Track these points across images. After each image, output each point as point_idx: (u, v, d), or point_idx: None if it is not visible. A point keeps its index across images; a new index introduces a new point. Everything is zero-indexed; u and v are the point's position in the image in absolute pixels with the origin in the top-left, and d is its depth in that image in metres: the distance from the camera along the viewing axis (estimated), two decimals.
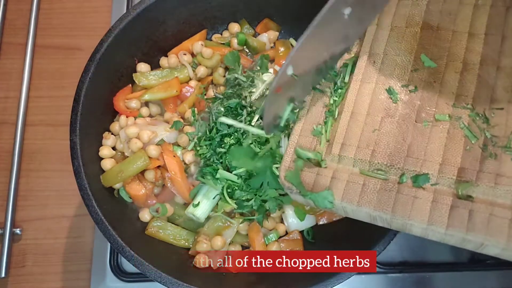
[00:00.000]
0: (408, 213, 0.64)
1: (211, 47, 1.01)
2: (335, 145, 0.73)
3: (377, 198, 0.67)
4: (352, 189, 0.68)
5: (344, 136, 0.74)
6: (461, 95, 0.71)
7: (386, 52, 0.79)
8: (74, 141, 0.83)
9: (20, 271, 1.07)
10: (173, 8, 0.97)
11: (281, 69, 0.70)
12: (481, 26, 0.74)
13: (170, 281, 0.78)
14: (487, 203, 0.62)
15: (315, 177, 0.72)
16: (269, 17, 1.07)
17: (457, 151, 0.67)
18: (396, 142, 0.71)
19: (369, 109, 0.75)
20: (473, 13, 0.76)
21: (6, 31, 1.25)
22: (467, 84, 0.72)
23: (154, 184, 0.92)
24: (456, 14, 0.77)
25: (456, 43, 0.75)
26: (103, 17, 1.26)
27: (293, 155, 0.75)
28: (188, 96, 0.97)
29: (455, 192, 0.65)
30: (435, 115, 0.71)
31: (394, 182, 0.68)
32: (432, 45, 0.76)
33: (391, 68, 0.77)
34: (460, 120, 0.69)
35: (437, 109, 0.71)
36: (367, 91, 0.76)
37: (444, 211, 0.63)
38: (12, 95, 1.19)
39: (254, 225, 0.90)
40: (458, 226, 0.62)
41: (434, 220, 0.63)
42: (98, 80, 0.88)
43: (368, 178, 0.69)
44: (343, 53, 0.82)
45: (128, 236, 0.82)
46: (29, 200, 1.12)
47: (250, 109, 0.88)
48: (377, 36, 0.80)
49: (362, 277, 1.04)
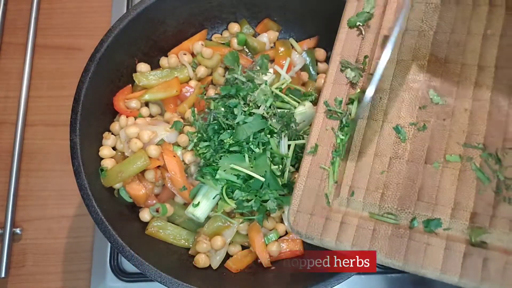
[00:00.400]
0: (421, 262, 0.63)
1: (211, 47, 1.01)
2: (343, 188, 0.71)
3: (389, 245, 0.65)
4: (362, 235, 0.66)
5: (352, 178, 0.71)
6: (472, 134, 0.68)
7: (392, 88, 0.75)
8: (74, 141, 0.83)
9: (20, 271, 1.07)
10: (173, 8, 0.97)
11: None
12: (491, 58, 0.70)
13: (170, 281, 0.78)
14: (501, 251, 0.60)
15: (324, 222, 0.69)
16: (269, 17, 1.07)
17: (469, 194, 0.65)
18: (405, 185, 0.68)
19: (376, 149, 0.72)
20: (482, 44, 0.71)
21: (6, 31, 1.25)
22: (478, 121, 0.68)
23: (154, 184, 0.92)
24: (465, 45, 0.72)
25: (465, 77, 0.71)
26: (103, 17, 1.26)
27: (301, 198, 0.72)
28: (188, 96, 0.97)
29: (468, 239, 0.63)
30: (445, 156, 0.68)
31: (406, 228, 0.66)
32: (440, 79, 0.72)
33: (398, 104, 0.73)
34: (472, 161, 0.66)
35: (447, 149, 0.68)
36: (374, 129, 0.73)
37: (458, 260, 0.61)
38: (12, 95, 1.19)
39: (254, 225, 0.90)
40: (472, 276, 0.60)
41: (448, 270, 0.61)
42: (98, 80, 0.88)
43: (378, 222, 0.67)
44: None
45: (128, 236, 0.82)
46: (29, 200, 1.12)
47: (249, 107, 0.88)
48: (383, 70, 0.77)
49: (362, 277, 1.04)
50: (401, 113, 0.73)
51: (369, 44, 0.78)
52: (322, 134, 0.76)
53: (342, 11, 0.82)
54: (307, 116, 0.92)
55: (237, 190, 0.86)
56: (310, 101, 0.94)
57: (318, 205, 0.71)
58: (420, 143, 0.70)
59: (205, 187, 0.89)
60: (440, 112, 0.71)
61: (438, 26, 0.75)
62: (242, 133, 0.84)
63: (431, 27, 0.76)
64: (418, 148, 0.70)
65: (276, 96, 0.92)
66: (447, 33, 0.74)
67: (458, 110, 0.70)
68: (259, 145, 0.86)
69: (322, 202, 0.71)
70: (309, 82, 1.03)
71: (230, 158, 0.85)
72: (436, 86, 0.73)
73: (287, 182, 0.88)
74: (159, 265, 0.79)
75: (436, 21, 0.75)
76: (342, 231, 0.68)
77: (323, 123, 0.76)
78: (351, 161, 0.73)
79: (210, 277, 0.87)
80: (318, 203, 0.71)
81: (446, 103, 0.71)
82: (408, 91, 0.74)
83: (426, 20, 0.76)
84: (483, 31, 0.72)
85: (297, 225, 0.71)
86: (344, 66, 0.77)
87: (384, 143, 0.72)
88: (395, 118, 0.73)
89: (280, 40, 1.07)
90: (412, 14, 0.77)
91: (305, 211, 0.71)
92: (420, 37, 0.76)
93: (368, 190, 0.70)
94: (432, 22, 0.76)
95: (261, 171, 0.84)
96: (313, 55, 1.05)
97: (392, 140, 0.72)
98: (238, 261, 0.89)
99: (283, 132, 0.88)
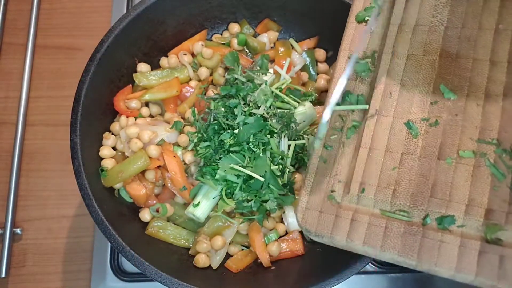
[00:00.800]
0: (435, 260, 0.61)
1: (211, 47, 1.01)
2: (354, 184, 0.70)
3: (401, 242, 0.63)
4: (374, 233, 0.65)
5: (362, 174, 0.70)
6: (485, 129, 0.66)
7: (403, 83, 0.73)
8: (75, 141, 0.83)
9: (20, 271, 1.07)
10: (173, 8, 0.97)
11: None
12: (503, 53, 0.69)
13: (170, 281, 0.78)
14: None
15: (334, 220, 0.68)
16: (269, 17, 1.07)
17: (483, 190, 0.64)
18: (418, 181, 0.67)
19: (387, 145, 0.71)
20: (494, 39, 0.70)
21: (6, 31, 1.25)
22: (491, 117, 0.67)
23: (155, 184, 0.92)
24: (476, 40, 0.71)
25: (477, 72, 0.70)
26: (103, 17, 1.26)
27: (309, 195, 0.72)
28: (188, 96, 0.98)
29: (483, 236, 0.61)
30: (458, 152, 0.67)
31: (419, 225, 0.64)
32: (451, 74, 0.72)
33: (409, 100, 0.72)
34: (486, 157, 0.65)
35: (460, 145, 0.67)
36: (385, 125, 0.72)
37: (473, 257, 0.60)
38: (12, 95, 1.19)
39: (254, 225, 0.90)
40: (488, 274, 0.58)
41: (463, 268, 0.60)
42: (98, 80, 0.88)
43: (391, 220, 0.66)
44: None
45: (128, 236, 0.82)
46: (29, 200, 1.12)
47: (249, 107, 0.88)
48: (393, 65, 0.75)
49: (362, 277, 1.04)
50: (412, 108, 0.72)
51: (378, 38, 0.78)
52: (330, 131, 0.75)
53: (342, 11, 0.82)
54: (307, 116, 0.92)
55: (237, 190, 0.86)
56: (310, 101, 0.94)
57: (327, 202, 0.70)
58: (432, 139, 0.69)
59: (205, 187, 0.89)
60: (452, 107, 0.70)
61: (449, 21, 0.74)
62: (243, 135, 0.85)
63: (442, 22, 0.75)
64: (430, 144, 0.69)
65: (276, 96, 0.92)
66: (458, 28, 0.73)
67: (470, 105, 0.69)
68: (259, 145, 0.86)
69: (331, 199, 0.70)
70: (309, 82, 1.03)
71: (230, 158, 0.85)
72: (448, 81, 0.71)
73: (287, 182, 0.88)
74: (159, 265, 0.79)
75: (447, 16, 0.75)
76: (353, 229, 0.66)
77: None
78: (361, 157, 0.71)
79: (210, 277, 0.87)
80: (327, 200, 0.70)
81: (458, 98, 0.70)
82: (419, 86, 0.73)
83: (437, 15, 0.75)
84: (495, 25, 0.71)
85: (306, 223, 0.70)
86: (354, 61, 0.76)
87: (395, 139, 0.71)
88: (406, 113, 0.72)
89: (280, 40, 1.07)
90: (423, 9, 0.76)
91: (314, 208, 0.70)
92: (431, 32, 0.75)
93: (379, 187, 0.69)
94: (442, 17, 0.75)
95: (261, 171, 0.85)
96: (313, 55, 1.05)
97: (403, 136, 0.71)
98: (238, 261, 0.89)
99: (283, 132, 0.88)
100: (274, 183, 0.85)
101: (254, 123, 0.85)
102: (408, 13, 0.77)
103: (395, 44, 0.76)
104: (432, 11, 0.76)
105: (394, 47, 0.76)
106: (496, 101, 0.67)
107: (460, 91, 0.70)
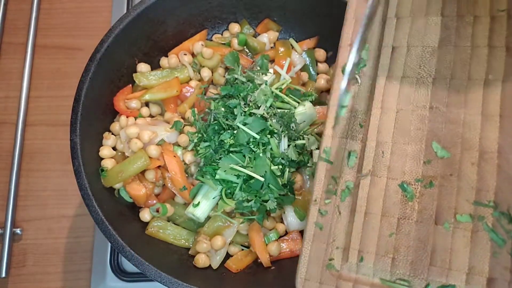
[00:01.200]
0: None
1: (211, 47, 1.01)
2: (352, 252, 0.68)
3: None
4: None
5: (360, 241, 0.68)
6: (482, 190, 0.63)
7: (394, 140, 0.70)
8: (75, 141, 0.83)
9: (20, 271, 1.07)
10: (173, 8, 0.97)
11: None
12: (495, 107, 0.65)
13: (170, 281, 0.78)
14: None
15: None
16: (269, 17, 1.07)
17: (483, 257, 0.61)
18: (416, 248, 0.65)
19: (383, 209, 0.68)
20: (484, 90, 0.66)
21: (6, 31, 1.25)
22: (486, 176, 0.64)
23: (155, 184, 0.92)
24: (466, 93, 0.67)
25: (469, 128, 0.66)
26: (103, 17, 1.26)
27: (308, 264, 0.69)
28: (188, 96, 0.98)
29: None
30: (456, 215, 0.64)
31: None
32: (443, 130, 0.68)
33: (402, 159, 0.69)
34: (484, 221, 0.62)
35: (457, 208, 0.64)
36: (379, 187, 0.69)
37: None
38: (12, 95, 1.19)
39: (254, 224, 0.90)
40: None
41: None
42: (98, 80, 0.88)
43: None
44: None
45: (128, 236, 0.83)
46: (29, 200, 1.12)
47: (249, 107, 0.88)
48: (382, 121, 0.71)
49: None
50: (406, 168, 0.68)
51: (366, 91, 0.74)
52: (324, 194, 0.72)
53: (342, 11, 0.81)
54: (307, 116, 0.92)
55: (237, 190, 0.86)
56: (310, 101, 0.94)
57: (327, 272, 0.68)
58: (428, 202, 0.66)
59: (205, 187, 0.89)
60: (446, 166, 0.66)
61: (437, 72, 0.71)
62: (243, 136, 0.85)
63: (429, 73, 0.71)
64: (426, 207, 0.66)
65: (276, 96, 0.92)
66: (447, 78, 0.70)
67: (465, 164, 0.65)
68: (259, 145, 0.86)
69: (331, 268, 0.68)
70: (309, 82, 1.03)
71: (230, 158, 0.85)
72: (440, 137, 0.68)
73: (287, 182, 0.88)
74: (159, 265, 0.79)
75: (434, 66, 0.71)
76: None
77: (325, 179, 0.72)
78: (357, 222, 0.69)
79: (210, 277, 0.87)
80: (326, 270, 0.68)
81: (452, 156, 0.66)
82: (411, 144, 0.69)
83: (424, 65, 0.71)
84: (485, 75, 0.67)
85: None
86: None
87: (390, 202, 0.68)
88: (400, 174, 0.68)
89: (280, 40, 1.07)
90: (409, 60, 0.72)
91: (314, 279, 0.68)
92: (419, 84, 0.71)
93: (377, 255, 0.66)
94: (430, 67, 0.71)
95: (261, 171, 0.85)
96: (313, 55, 1.05)
97: (398, 199, 0.68)
98: (238, 261, 0.89)
99: (283, 132, 0.88)
100: (274, 183, 0.85)
101: (254, 123, 0.85)
102: (395, 64, 0.73)
103: (384, 98, 0.73)
104: (419, 61, 0.72)
105: (383, 101, 0.73)
106: (491, 159, 0.64)
107: (453, 149, 0.67)
